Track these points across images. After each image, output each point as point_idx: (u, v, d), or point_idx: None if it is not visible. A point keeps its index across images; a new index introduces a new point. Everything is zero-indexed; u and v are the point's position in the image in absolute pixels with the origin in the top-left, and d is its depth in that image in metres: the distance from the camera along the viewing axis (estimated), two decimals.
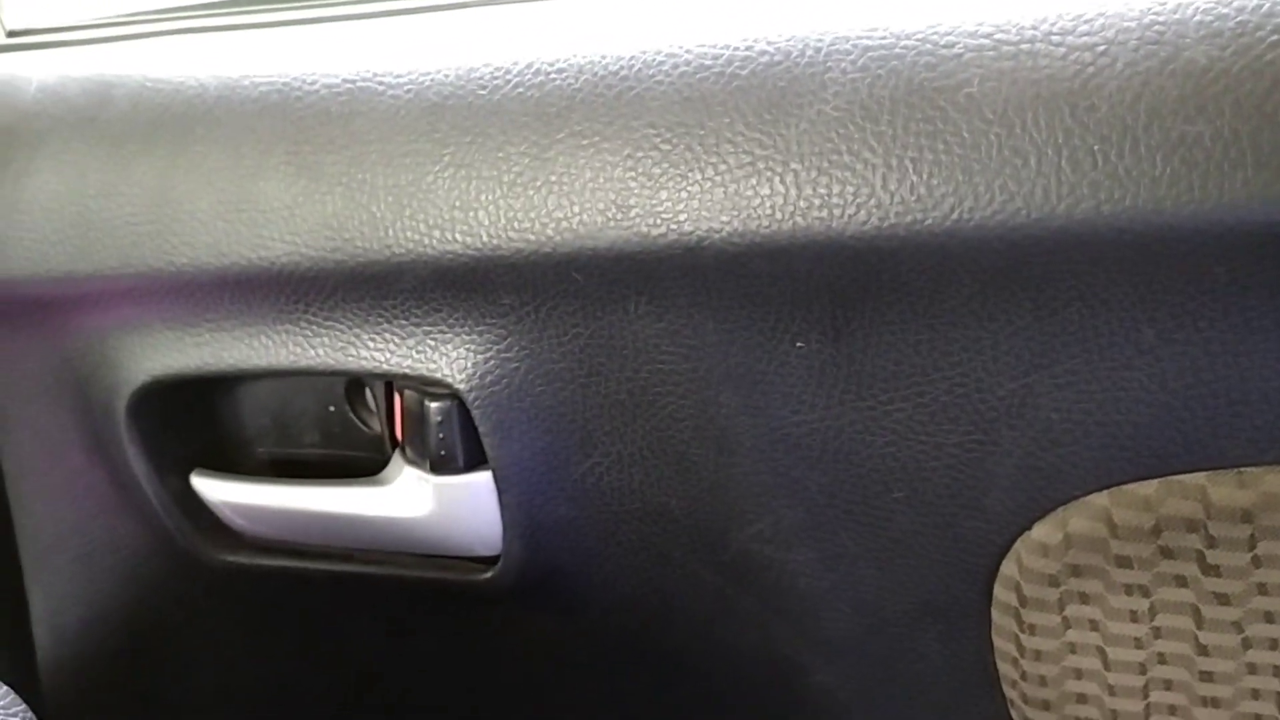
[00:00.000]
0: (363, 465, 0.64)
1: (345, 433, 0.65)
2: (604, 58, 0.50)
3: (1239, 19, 0.41)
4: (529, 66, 0.52)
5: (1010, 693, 0.56)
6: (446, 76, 0.53)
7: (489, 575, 0.60)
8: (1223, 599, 0.49)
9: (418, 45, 0.55)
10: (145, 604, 0.71)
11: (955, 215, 0.44)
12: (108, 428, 0.65)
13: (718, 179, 0.48)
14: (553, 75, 0.51)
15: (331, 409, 0.65)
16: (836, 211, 0.46)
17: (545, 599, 0.61)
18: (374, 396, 0.63)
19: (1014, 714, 0.56)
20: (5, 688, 0.47)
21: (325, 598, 0.67)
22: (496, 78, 0.52)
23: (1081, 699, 0.54)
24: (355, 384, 0.64)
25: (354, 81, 0.55)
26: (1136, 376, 0.46)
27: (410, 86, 0.54)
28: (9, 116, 0.63)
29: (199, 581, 0.68)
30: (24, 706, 0.46)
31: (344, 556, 0.64)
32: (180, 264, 0.58)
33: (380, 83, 0.55)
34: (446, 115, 0.53)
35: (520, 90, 0.52)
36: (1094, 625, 0.52)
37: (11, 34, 0.70)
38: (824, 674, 0.59)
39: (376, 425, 0.64)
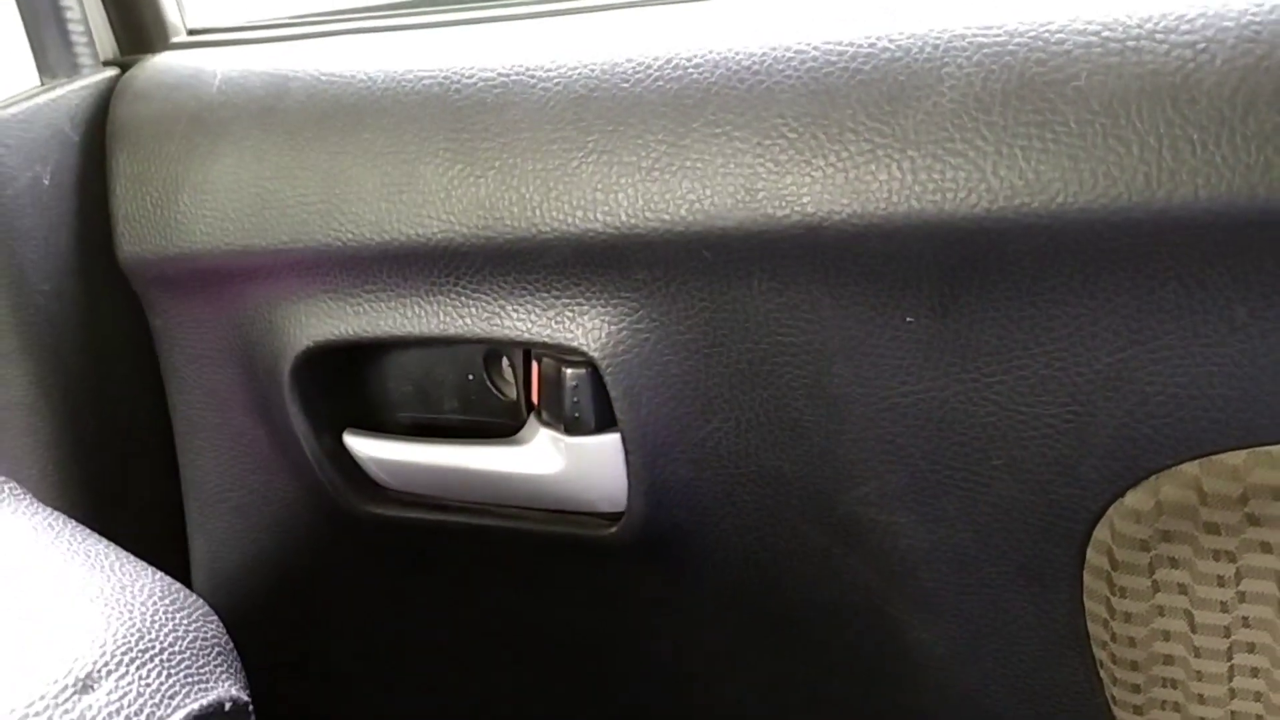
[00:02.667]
0: (496, 430, 0.70)
1: (481, 399, 0.71)
2: (737, 54, 0.56)
3: None
4: (668, 62, 0.57)
5: (1099, 653, 0.59)
6: (592, 71, 0.59)
7: (613, 530, 0.66)
8: None
9: (566, 43, 0.61)
10: (296, 551, 0.78)
11: (1061, 199, 0.49)
12: (272, 389, 0.72)
13: (839, 164, 0.53)
14: (690, 70, 0.57)
15: (470, 377, 0.71)
16: (949, 195, 0.51)
17: (664, 554, 0.66)
18: (511, 365, 0.69)
19: (1103, 674, 0.60)
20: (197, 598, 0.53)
21: (461, 548, 0.73)
22: (638, 72, 0.58)
23: (1168, 660, 0.57)
24: (492, 354, 0.70)
25: (507, 75, 0.61)
26: (1228, 352, 0.50)
27: (559, 80, 0.60)
28: (195, 106, 0.70)
29: (347, 531, 0.75)
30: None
31: (480, 511, 0.70)
32: (346, 239, 0.65)
33: (532, 76, 0.60)
34: (591, 106, 0.58)
35: (660, 84, 0.57)
36: (1182, 589, 0.56)
37: (192, 32, 0.78)
38: (922, 631, 0.63)
39: (511, 392, 0.70)
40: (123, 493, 0.79)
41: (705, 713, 0.72)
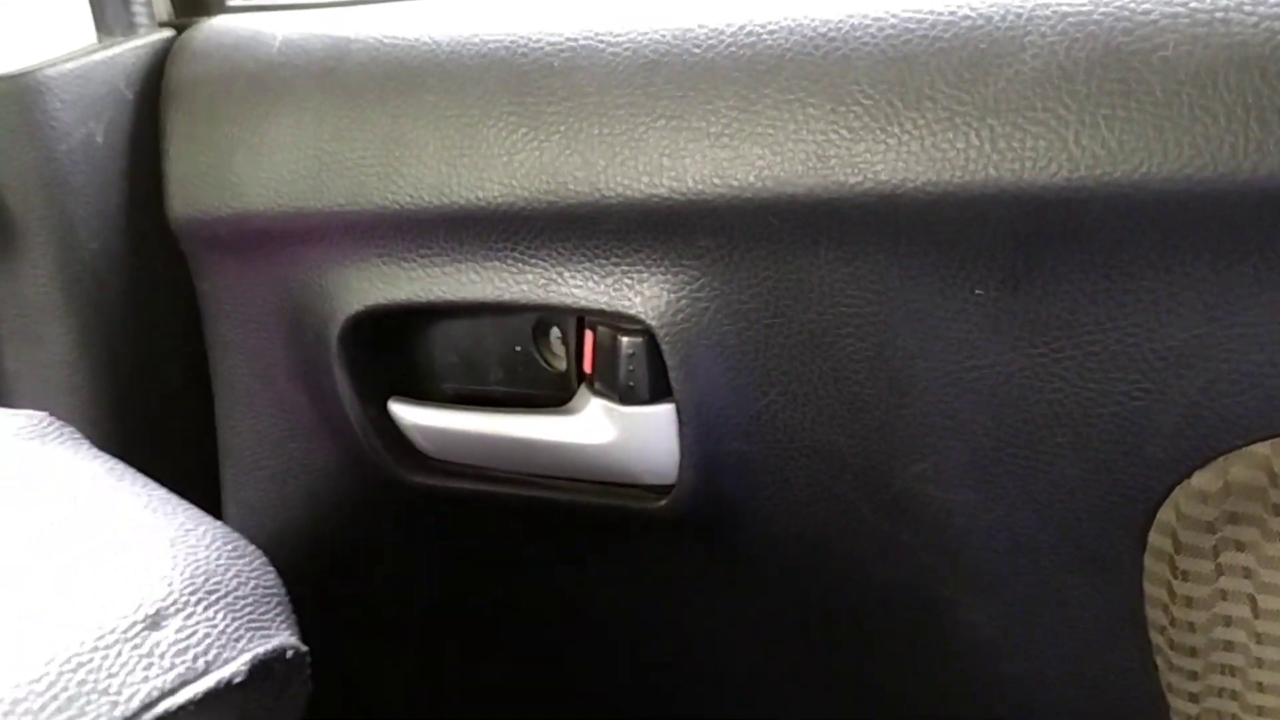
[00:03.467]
0: (542, 402, 0.69)
1: (529, 371, 0.71)
2: (813, 20, 0.55)
3: None
4: (742, 28, 0.57)
5: (1157, 638, 0.59)
6: (663, 36, 0.59)
7: (662, 503, 0.65)
8: None
9: (636, 8, 0.61)
10: (333, 520, 0.77)
11: (1144, 169, 0.48)
12: (318, 354, 0.71)
13: (915, 132, 0.53)
14: (764, 36, 0.56)
15: (518, 349, 0.71)
16: (1029, 164, 0.50)
17: (712, 528, 0.66)
18: (563, 334, 0.69)
19: (1159, 660, 0.59)
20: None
21: (505, 519, 0.73)
22: (710, 38, 0.58)
23: (1229, 646, 0.57)
24: (541, 325, 0.70)
25: (576, 39, 0.61)
26: None
27: (629, 44, 0.59)
28: (255, 67, 0.70)
29: (388, 500, 0.75)
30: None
31: (525, 482, 0.70)
32: (404, 202, 0.65)
33: (601, 41, 0.60)
34: (661, 71, 0.58)
35: (733, 49, 0.57)
36: (1247, 573, 0.55)
37: None
38: (973, 612, 0.62)
39: (559, 364, 0.70)
40: (159, 455, 0.79)
41: (749, 689, 0.71)
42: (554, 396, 0.69)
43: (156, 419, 0.78)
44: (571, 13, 0.62)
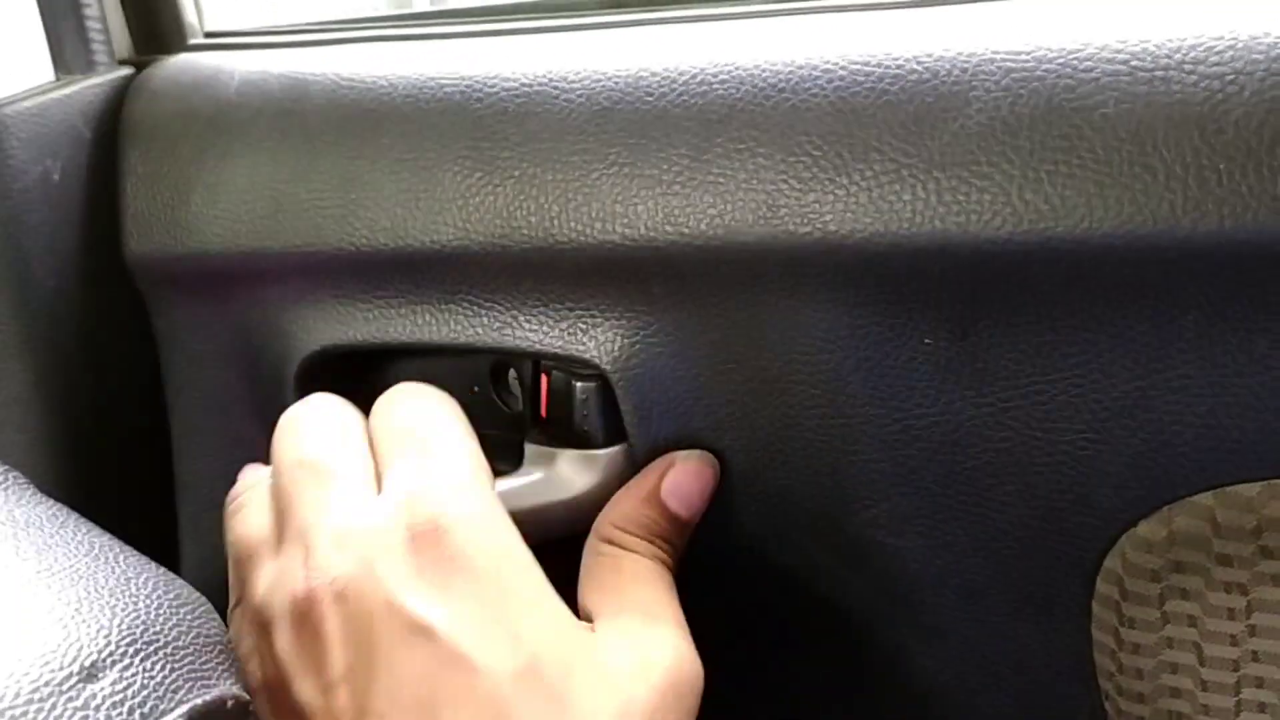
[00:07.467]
0: (501, 443, 0.69)
1: (486, 412, 0.71)
2: (763, 70, 0.56)
3: None
4: (694, 77, 0.57)
5: (1106, 685, 0.59)
6: (616, 83, 0.59)
7: None
8: None
9: (590, 55, 0.61)
10: None
11: (1085, 224, 0.49)
12: (276, 394, 0.71)
13: (864, 183, 0.53)
14: (715, 85, 0.57)
15: (475, 389, 0.71)
16: (974, 217, 0.51)
17: None
18: (519, 377, 0.69)
19: (1109, 706, 0.59)
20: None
21: None
22: (663, 85, 0.58)
23: (1175, 693, 0.57)
24: (499, 367, 0.70)
25: (530, 85, 0.61)
26: (1247, 383, 0.50)
27: (582, 91, 0.60)
28: (211, 107, 0.70)
29: None
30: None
31: None
32: (360, 244, 0.65)
33: (555, 87, 0.61)
34: (614, 118, 0.59)
35: (685, 98, 0.57)
36: (1192, 621, 0.55)
37: (209, 35, 0.78)
38: (926, 658, 0.62)
39: (517, 406, 0.70)
40: (115, 494, 0.78)
41: None
42: (510, 438, 0.69)
43: (113, 457, 0.78)
44: (526, 57, 0.63)
